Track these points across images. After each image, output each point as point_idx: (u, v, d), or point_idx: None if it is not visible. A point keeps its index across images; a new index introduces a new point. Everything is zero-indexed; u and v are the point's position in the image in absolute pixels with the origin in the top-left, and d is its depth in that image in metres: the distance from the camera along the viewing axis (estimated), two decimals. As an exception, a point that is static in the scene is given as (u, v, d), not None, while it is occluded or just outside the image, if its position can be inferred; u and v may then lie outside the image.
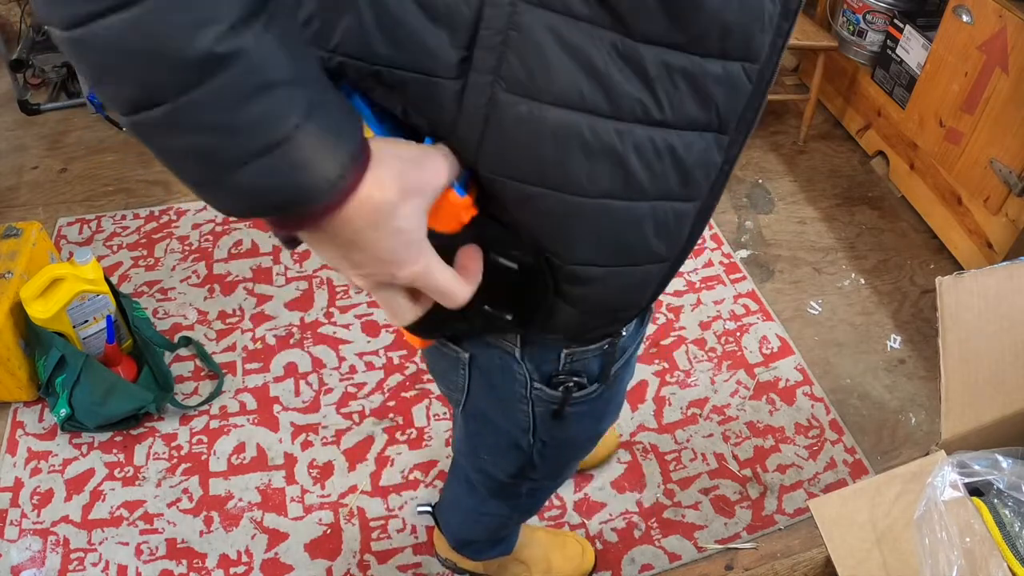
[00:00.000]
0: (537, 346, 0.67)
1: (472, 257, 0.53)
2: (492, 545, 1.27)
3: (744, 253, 2.12)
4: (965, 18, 1.91)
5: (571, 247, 0.54)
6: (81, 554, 1.44)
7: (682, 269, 2.01)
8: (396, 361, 1.78)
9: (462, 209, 0.51)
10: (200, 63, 0.37)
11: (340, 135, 0.42)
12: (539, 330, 0.62)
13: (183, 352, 1.79)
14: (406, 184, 0.45)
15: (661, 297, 1.96)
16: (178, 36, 0.36)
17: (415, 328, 0.58)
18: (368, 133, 0.48)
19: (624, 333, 0.69)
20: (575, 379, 0.69)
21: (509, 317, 0.58)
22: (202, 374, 1.75)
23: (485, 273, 0.54)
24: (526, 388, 0.71)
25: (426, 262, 0.48)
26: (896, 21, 2.21)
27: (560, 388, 0.70)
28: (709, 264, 2.06)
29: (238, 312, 1.88)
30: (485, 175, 0.51)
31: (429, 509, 1.34)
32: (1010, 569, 0.69)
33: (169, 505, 1.51)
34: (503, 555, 1.31)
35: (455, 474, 1.14)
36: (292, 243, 0.50)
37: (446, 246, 0.52)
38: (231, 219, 2.13)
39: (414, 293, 0.52)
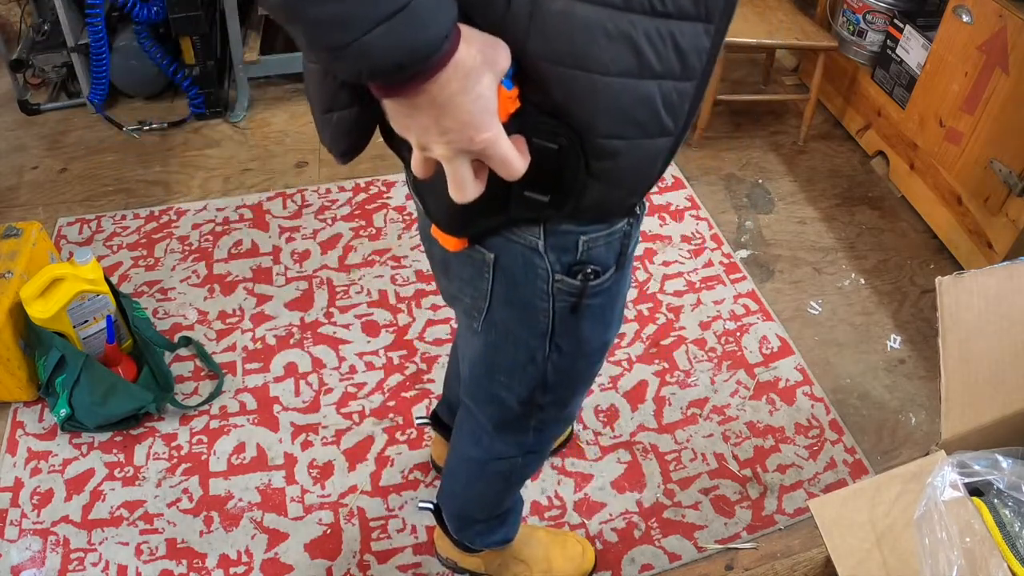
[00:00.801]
0: (558, 236, 0.75)
1: (521, 140, 0.62)
2: (492, 528, 1.27)
3: (744, 253, 2.12)
4: (965, 18, 1.91)
5: (600, 122, 0.64)
6: (81, 554, 1.44)
7: (682, 269, 2.03)
8: (396, 361, 1.78)
9: (509, 100, 0.60)
10: None
11: (445, 1, 0.53)
12: (571, 211, 0.70)
13: (183, 352, 1.79)
14: (487, 56, 0.56)
15: (661, 297, 1.97)
16: None
17: (459, 220, 0.71)
18: None
19: (638, 212, 0.78)
20: (592, 266, 0.78)
21: (547, 199, 0.67)
22: (202, 374, 1.75)
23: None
24: (548, 282, 0.79)
25: (498, 130, 0.57)
26: (896, 21, 2.21)
27: (579, 276, 0.78)
28: (709, 264, 2.06)
29: (238, 312, 1.88)
30: (531, 61, 0.61)
31: (430, 506, 1.34)
32: (1010, 569, 0.69)
33: (169, 505, 1.51)
34: (505, 542, 1.31)
35: (460, 428, 1.16)
36: (348, 155, 0.68)
37: None
38: (231, 219, 2.13)
39: (479, 170, 0.61)
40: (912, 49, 2.15)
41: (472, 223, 0.74)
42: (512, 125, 0.61)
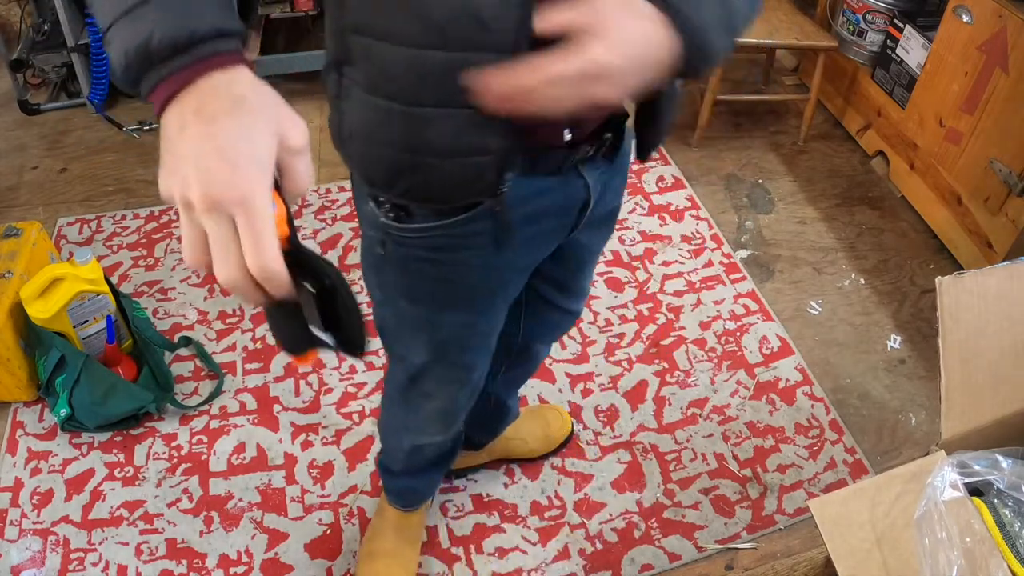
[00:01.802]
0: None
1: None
2: (388, 477, 1.32)
3: (744, 253, 2.12)
4: (965, 18, 1.91)
5: (416, 92, 0.64)
6: (81, 554, 1.44)
7: (682, 269, 2.03)
8: (396, 361, 1.78)
9: (280, 222, 0.51)
10: None
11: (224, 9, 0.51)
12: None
13: (183, 352, 1.79)
14: (273, 111, 0.49)
15: (661, 297, 1.97)
16: None
17: (287, 346, 0.59)
18: None
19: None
20: (393, 204, 0.78)
21: (331, 341, 0.56)
22: (202, 374, 1.75)
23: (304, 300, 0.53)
24: (371, 210, 0.81)
25: (264, 193, 0.47)
26: (896, 21, 2.21)
27: (382, 209, 0.79)
28: (709, 264, 2.06)
29: (238, 312, 1.88)
30: (349, 35, 0.64)
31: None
32: (1010, 569, 0.69)
33: (169, 505, 1.51)
34: (397, 500, 1.36)
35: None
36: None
37: None
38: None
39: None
40: (912, 49, 2.15)
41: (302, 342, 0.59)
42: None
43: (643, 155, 0.85)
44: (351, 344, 0.58)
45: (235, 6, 0.58)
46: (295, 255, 0.52)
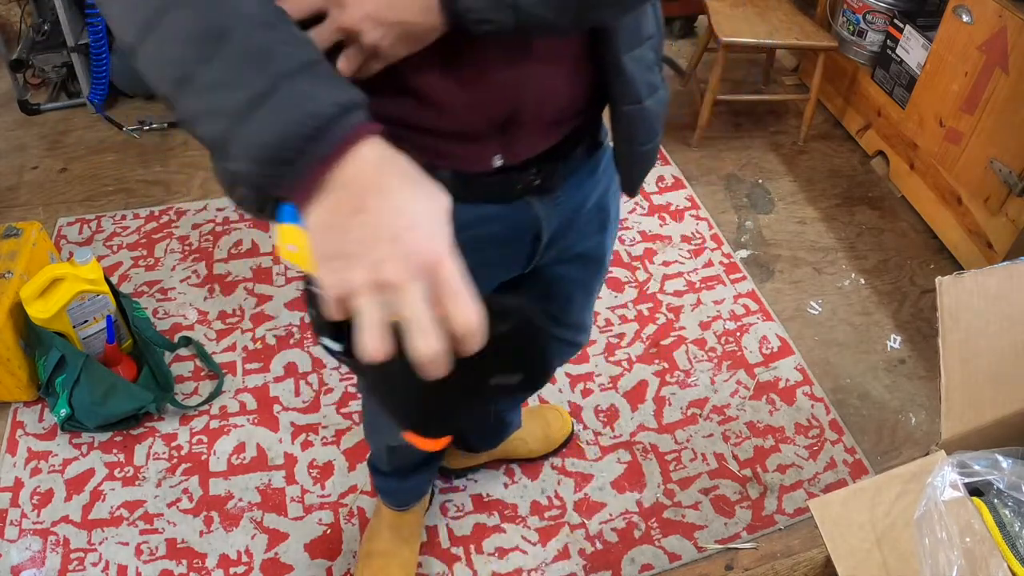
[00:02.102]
0: None
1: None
2: (389, 479, 1.31)
3: (744, 253, 2.12)
4: (965, 18, 1.91)
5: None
6: (81, 554, 1.44)
7: (682, 269, 2.03)
8: (396, 361, 1.78)
9: None
10: None
11: (335, 85, 0.48)
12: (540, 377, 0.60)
13: (183, 352, 1.79)
14: (415, 169, 0.48)
15: (661, 297, 1.97)
16: None
17: (430, 427, 0.55)
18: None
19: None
20: None
21: (516, 380, 0.54)
22: (202, 374, 1.75)
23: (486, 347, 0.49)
24: None
25: (448, 250, 0.45)
26: (896, 21, 2.21)
27: None
28: (709, 264, 2.06)
29: (238, 312, 1.88)
30: None
31: None
32: (1010, 569, 0.69)
33: (169, 505, 1.51)
34: (385, 499, 1.37)
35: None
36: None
37: None
38: (231, 219, 2.13)
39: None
40: (912, 49, 2.15)
41: (448, 419, 0.57)
42: None
43: (627, 189, 0.84)
44: (539, 377, 0.55)
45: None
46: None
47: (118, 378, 1.61)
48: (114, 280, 1.93)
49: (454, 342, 0.46)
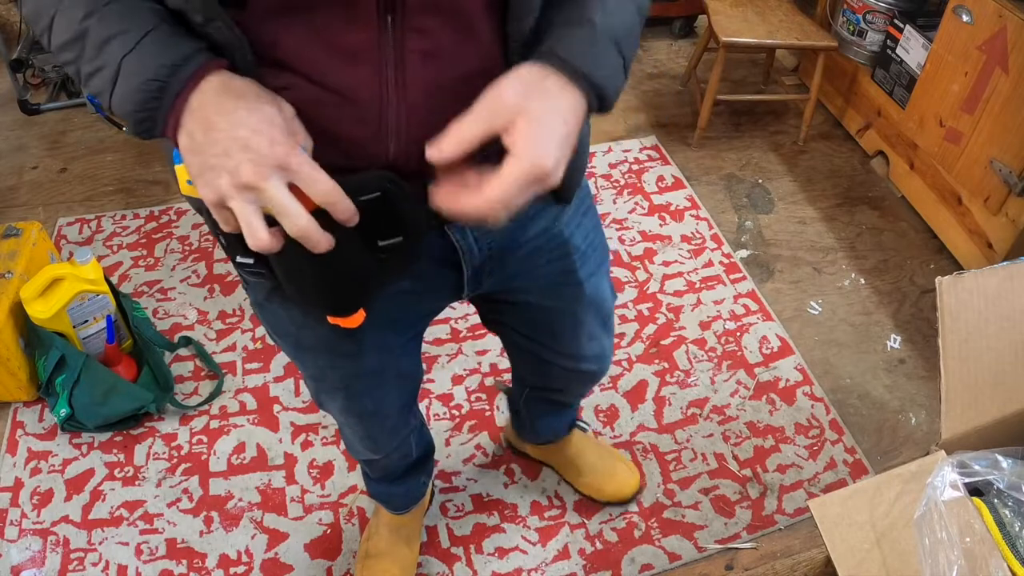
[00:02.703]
0: None
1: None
2: (380, 484, 1.31)
3: (744, 253, 2.12)
4: (965, 18, 1.91)
5: None
6: (81, 554, 1.44)
7: (682, 269, 2.03)
8: (396, 361, 1.78)
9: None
10: None
11: (166, 49, 0.58)
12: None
13: (183, 352, 1.79)
14: (257, 87, 0.59)
15: (660, 297, 1.97)
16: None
17: (341, 303, 0.68)
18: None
19: None
20: None
21: (400, 239, 0.65)
22: (202, 374, 1.75)
23: (362, 219, 0.61)
24: None
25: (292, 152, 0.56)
26: (896, 21, 2.21)
27: None
28: (709, 264, 2.06)
29: (238, 312, 1.88)
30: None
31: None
32: (1010, 569, 0.69)
33: (169, 505, 1.51)
34: (391, 508, 1.36)
35: None
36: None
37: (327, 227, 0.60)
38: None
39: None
40: (912, 49, 2.15)
41: (356, 296, 0.70)
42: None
43: (559, 196, 0.79)
44: (418, 233, 0.66)
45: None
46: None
47: (118, 378, 1.61)
48: (114, 280, 1.93)
49: (333, 216, 0.58)
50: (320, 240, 0.57)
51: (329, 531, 1.48)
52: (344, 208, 0.58)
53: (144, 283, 1.95)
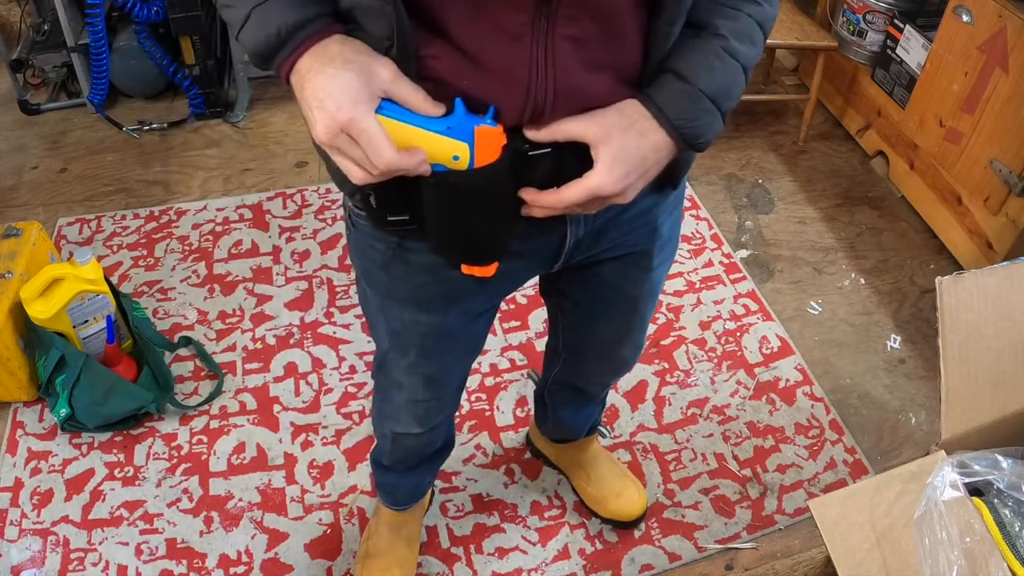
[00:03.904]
0: None
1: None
2: (390, 474, 1.31)
3: (744, 253, 2.12)
4: (965, 18, 1.91)
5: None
6: (81, 554, 1.44)
7: (682, 269, 2.03)
8: (396, 361, 1.78)
9: (496, 136, 0.68)
10: None
11: (291, 8, 0.67)
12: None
13: (183, 352, 1.79)
14: (355, 62, 0.66)
15: (660, 297, 1.96)
16: None
17: (484, 251, 0.78)
18: None
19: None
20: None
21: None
22: (202, 374, 1.75)
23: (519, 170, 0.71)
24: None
25: (360, 113, 0.64)
26: (896, 21, 2.21)
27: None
28: (709, 264, 2.06)
29: (238, 312, 1.88)
30: None
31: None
32: (1010, 569, 0.69)
33: (169, 505, 1.51)
34: (392, 502, 1.36)
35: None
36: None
37: (499, 180, 0.70)
38: (231, 219, 2.13)
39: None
40: (912, 49, 2.15)
41: (499, 246, 0.79)
42: (504, 162, 0.69)
43: (667, 180, 0.83)
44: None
45: None
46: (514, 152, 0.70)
47: (118, 378, 1.61)
48: (114, 280, 1.93)
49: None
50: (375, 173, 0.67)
51: (329, 531, 1.48)
52: (413, 169, 0.67)
53: (144, 283, 1.95)
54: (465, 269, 0.79)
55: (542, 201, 0.73)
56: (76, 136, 2.44)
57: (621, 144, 0.70)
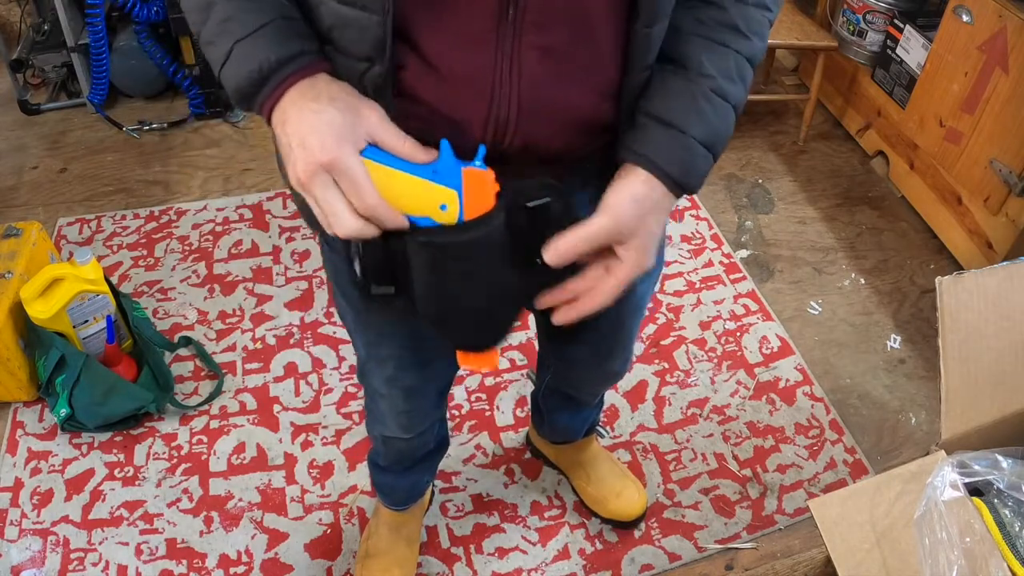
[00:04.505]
0: None
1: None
2: (387, 475, 1.31)
3: (744, 253, 2.12)
4: (965, 18, 1.91)
5: None
6: (81, 554, 1.44)
7: (682, 269, 2.03)
8: (396, 361, 1.78)
9: (489, 180, 0.63)
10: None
11: (278, 44, 0.64)
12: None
13: (183, 352, 1.79)
14: (341, 92, 0.64)
15: (660, 297, 1.97)
16: None
17: (483, 334, 0.70)
18: None
19: None
20: None
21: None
22: (202, 374, 1.75)
23: (520, 231, 0.65)
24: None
25: (345, 153, 0.61)
26: (896, 21, 2.21)
27: None
28: (709, 264, 2.06)
29: (238, 312, 1.88)
30: None
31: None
32: (1010, 569, 0.69)
33: (169, 505, 1.51)
34: (391, 502, 1.36)
35: None
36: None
37: (507, 233, 0.64)
38: (231, 219, 2.13)
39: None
40: (912, 49, 2.15)
41: (503, 328, 0.72)
42: (499, 213, 0.64)
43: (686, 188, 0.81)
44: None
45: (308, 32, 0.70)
46: (508, 193, 0.64)
47: (118, 378, 1.61)
48: (114, 280, 1.93)
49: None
50: (366, 230, 0.63)
51: (329, 531, 1.48)
52: (390, 221, 0.62)
53: (144, 283, 1.95)
54: (461, 360, 0.70)
55: (582, 310, 0.70)
56: (76, 136, 2.44)
57: (648, 227, 0.69)
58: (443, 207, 0.62)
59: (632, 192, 0.68)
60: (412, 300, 0.67)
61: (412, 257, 0.64)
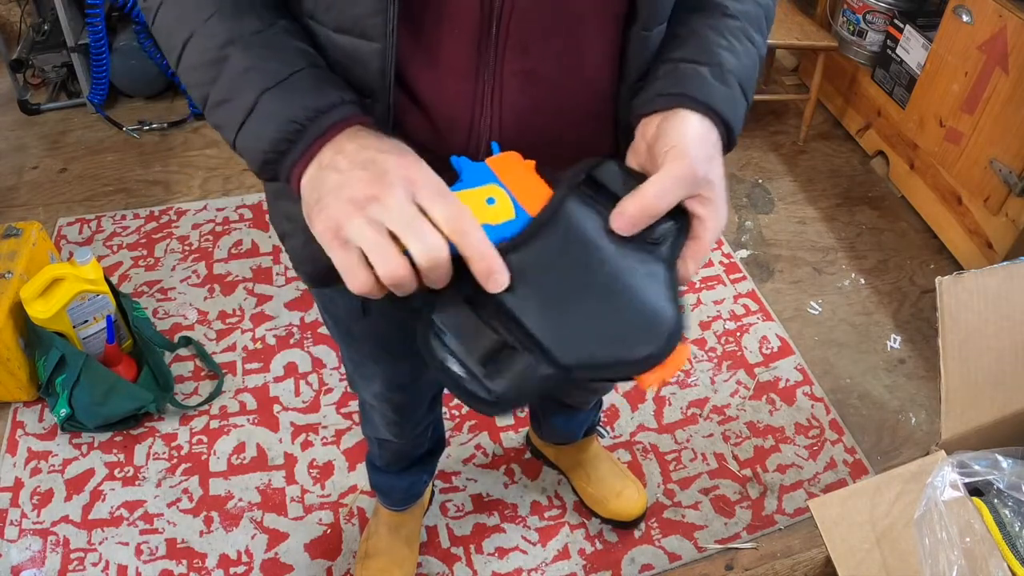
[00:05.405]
0: None
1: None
2: (385, 476, 1.32)
3: (744, 253, 2.12)
4: (965, 18, 1.91)
5: None
6: (81, 554, 1.44)
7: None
8: (396, 361, 1.78)
9: (519, 160, 0.57)
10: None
11: (309, 93, 0.56)
12: None
13: (183, 352, 1.79)
14: (392, 151, 0.54)
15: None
16: None
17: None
18: None
19: None
20: None
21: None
22: (202, 374, 1.75)
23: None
24: None
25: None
26: (896, 21, 2.21)
27: None
28: (709, 264, 2.06)
29: (238, 312, 1.88)
30: None
31: None
32: (1010, 569, 0.69)
33: (169, 505, 1.51)
34: (378, 496, 1.36)
35: None
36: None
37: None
38: (231, 219, 2.13)
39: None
40: (912, 49, 2.15)
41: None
42: (565, 186, 0.56)
43: None
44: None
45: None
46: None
47: (118, 378, 1.61)
48: (114, 280, 1.93)
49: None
50: (407, 287, 0.51)
51: (329, 531, 1.48)
52: (473, 229, 0.51)
53: (144, 283, 1.95)
54: (644, 383, 0.53)
55: (632, 211, 0.55)
56: (76, 136, 2.44)
57: (717, 175, 0.58)
58: (490, 200, 0.55)
59: (694, 131, 0.57)
60: (542, 356, 0.51)
61: (517, 287, 0.51)
